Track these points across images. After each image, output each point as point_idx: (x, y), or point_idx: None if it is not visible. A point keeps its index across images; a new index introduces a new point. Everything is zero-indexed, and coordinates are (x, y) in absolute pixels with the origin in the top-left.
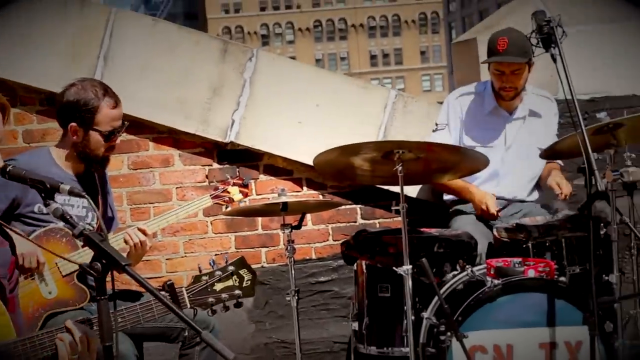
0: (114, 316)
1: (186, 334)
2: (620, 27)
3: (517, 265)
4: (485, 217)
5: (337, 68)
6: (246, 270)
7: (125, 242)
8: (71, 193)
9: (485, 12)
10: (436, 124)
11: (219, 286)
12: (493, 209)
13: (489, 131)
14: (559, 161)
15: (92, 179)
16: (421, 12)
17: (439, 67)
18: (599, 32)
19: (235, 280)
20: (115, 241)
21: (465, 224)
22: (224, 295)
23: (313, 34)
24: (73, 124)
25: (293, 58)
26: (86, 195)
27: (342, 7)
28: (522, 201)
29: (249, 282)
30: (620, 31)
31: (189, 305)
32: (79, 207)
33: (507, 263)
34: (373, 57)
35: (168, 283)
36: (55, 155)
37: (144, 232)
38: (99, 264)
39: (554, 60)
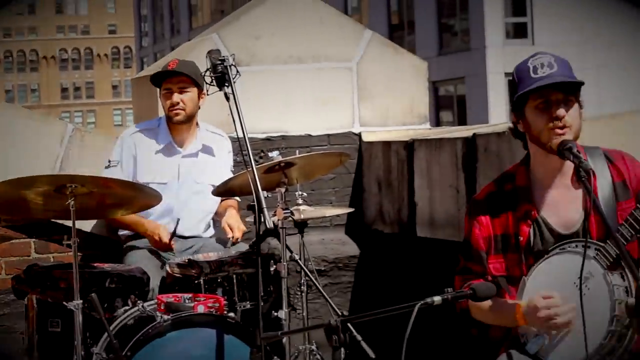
0: None
1: None
2: (297, 69)
3: (187, 300)
4: (159, 249)
5: (27, 100)
6: None
7: None
8: None
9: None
10: (109, 161)
11: None
12: (165, 239)
13: (163, 167)
14: (237, 198)
15: None
16: (114, 46)
17: (130, 101)
18: (278, 72)
19: None
20: None
21: (138, 259)
22: None
23: (3, 64)
24: None
25: None
26: None
27: (34, 37)
28: (197, 237)
29: None
30: (296, 73)
31: None
32: None
33: (177, 298)
34: (64, 89)
35: None
36: None
37: None
38: None
39: (227, 98)
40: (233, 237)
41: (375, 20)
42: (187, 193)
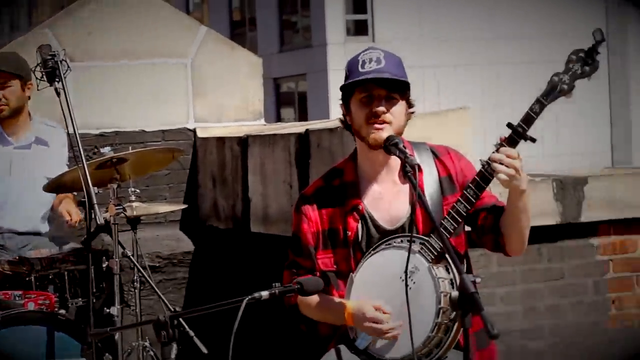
0: None
1: None
2: (131, 65)
3: (17, 298)
4: None
5: None
6: None
7: None
8: None
9: None
10: None
11: None
12: None
13: None
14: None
15: None
16: None
17: None
18: (112, 68)
19: None
20: None
21: None
22: None
23: None
24: None
25: None
26: None
27: None
28: (32, 233)
29: None
30: (130, 69)
31: None
32: None
33: (7, 296)
34: None
35: None
36: None
37: None
38: None
39: (58, 94)
40: (71, 221)
41: (216, 17)
42: (20, 187)
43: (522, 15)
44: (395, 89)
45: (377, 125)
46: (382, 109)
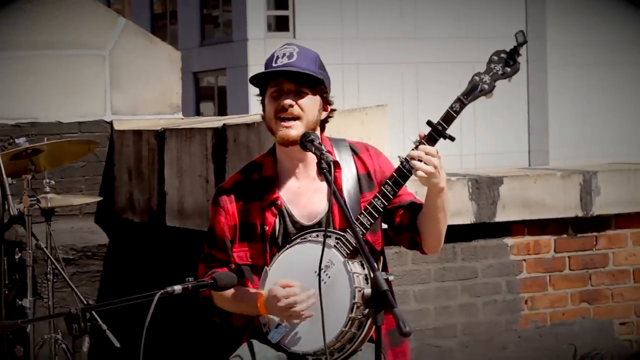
0: None
1: None
2: (48, 55)
3: None
4: None
5: None
6: None
7: None
8: None
9: None
10: None
11: None
12: None
13: None
14: None
15: None
16: None
17: None
18: (28, 57)
19: None
20: None
21: None
22: None
23: None
24: None
25: None
26: None
27: None
28: None
29: None
30: (47, 59)
31: None
32: None
33: None
34: None
35: None
36: None
37: None
38: None
39: None
40: None
41: (138, 10)
42: None
43: (443, 16)
44: (305, 83)
45: (284, 123)
46: (288, 101)
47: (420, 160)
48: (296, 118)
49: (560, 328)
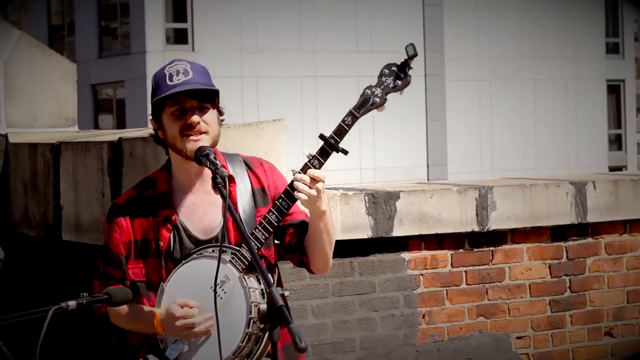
0: None
1: None
2: None
3: None
4: None
5: None
6: None
7: None
8: None
9: None
10: None
11: None
12: None
13: None
14: None
15: None
16: None
17: None
18: None
19: None
20: None
21: None
22: None
23: None
24: None
25: None
26: None
27: None
28: None
29: None
30: None
31: None
32: None
33: None
34: None
35: None
36: None
37: None
38: None
39: None
40: None
41: (35, 21)
42: None
43: (342, 29)
44: (206, 98)
45: (193, 137)
46: (196, 118)
47: (305, 184)
48: (203, 133)
49: (457, 342)
